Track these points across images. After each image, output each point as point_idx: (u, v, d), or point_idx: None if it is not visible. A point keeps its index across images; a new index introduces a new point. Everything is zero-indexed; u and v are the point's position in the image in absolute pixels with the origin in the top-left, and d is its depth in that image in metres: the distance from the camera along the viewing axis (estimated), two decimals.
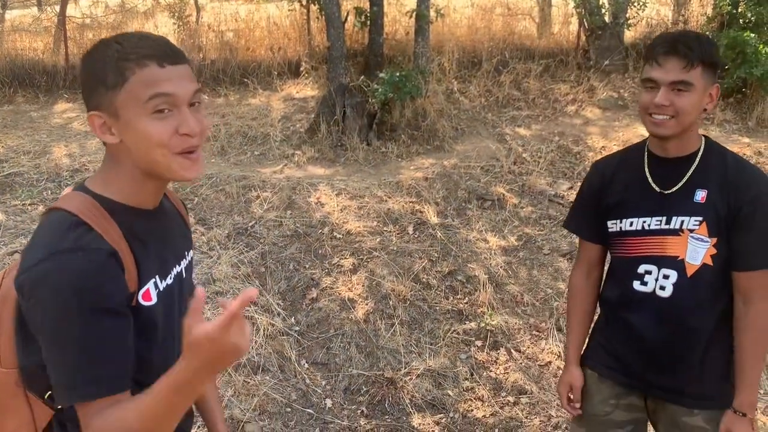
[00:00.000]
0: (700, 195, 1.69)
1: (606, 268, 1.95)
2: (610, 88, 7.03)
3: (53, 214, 1.08)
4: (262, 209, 4.69)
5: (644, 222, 1.75)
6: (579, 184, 5.45)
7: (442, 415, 3.37)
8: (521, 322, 4.00)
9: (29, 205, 4.73)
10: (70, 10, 10.81)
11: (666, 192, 1.73)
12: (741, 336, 1.68)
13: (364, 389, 3.49)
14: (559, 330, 3.93)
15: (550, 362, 3.73)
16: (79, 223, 1.04)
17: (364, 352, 3.69)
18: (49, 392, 1.10)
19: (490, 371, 3.67)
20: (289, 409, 3.30)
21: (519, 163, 5.64)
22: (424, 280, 4.20)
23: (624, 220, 1.79)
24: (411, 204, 4.87)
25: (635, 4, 7.36)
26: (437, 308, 4.04)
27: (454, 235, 4.64)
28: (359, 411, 3.36)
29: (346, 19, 6.62)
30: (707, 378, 1.76)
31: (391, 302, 3.98)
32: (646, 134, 1.82)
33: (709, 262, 1.68)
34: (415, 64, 6.33)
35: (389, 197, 4.90)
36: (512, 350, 3.82)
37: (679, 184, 1.71)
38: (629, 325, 1.83)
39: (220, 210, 4.68)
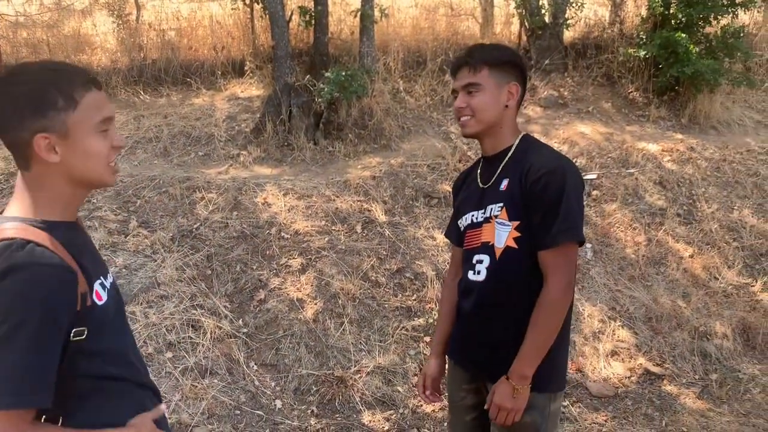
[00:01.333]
0: (504, 183, 1.83)
1: None
2: (550, 87, 7.20)
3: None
4: (207, 211, 4.61)
5: (473, 216, 1.92)
6: None
7: (392, 411, 3.40)
8: None
9: None
10: (2, 7, 10.36)
11: (484, 186, 1.90)
12: (534, 310, 1.75)
13: (314, 389, 3.49)
14: None
15: None
16: (23, 243, 1.11)
17: (314, 352, 3.68)
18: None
19: None
20: (238, 412, 3.27)
21: (464, 161, 5.71)
22: (372, 278, 4.22)
23: (463, 218, 1.97)
24: (359, 203, 4.88)
25: (573, 5, 7.56)
26: (386, 306, 4.06)
27: (402, 233, 4.68)
28: (309, 411, 3.36)
29: (290, 18, 6.57)
30: (512, 356, 1.80)
31: (340, 301, 3.98)
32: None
33: (513, 244, 1.79)
34: (360, 64, 6.34)
35: (337, 196, 4.90)
36: None
37: (493, 178, 1.87)
38: (460, 313, 2.00)
39: (164, 212, 4.58)
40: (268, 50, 7.02)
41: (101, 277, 1.27)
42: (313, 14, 6.63)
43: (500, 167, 1.85)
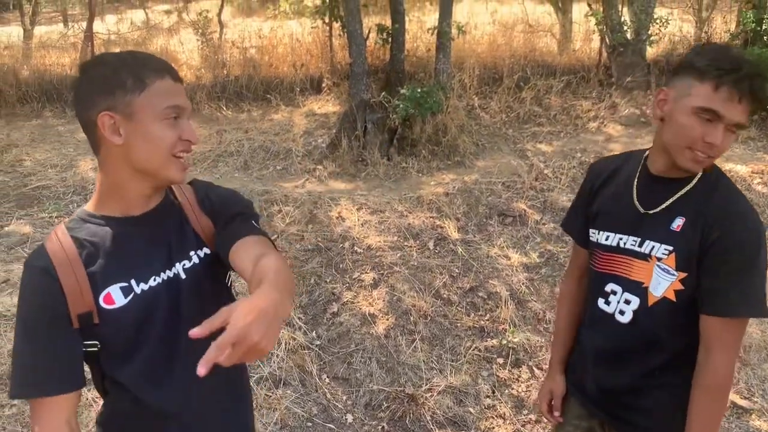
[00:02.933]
0: (677, 223, 1.52)
1: None
2: (632, 105, 6.99)
3: None
4: (284, 223, 4.72)
5: (621, 239, 1.63)
6: None
7: None
8: (543, 340, 3.96)
9: (56, 217, 4.81)
10: (97, 26, 11.04)
11: (644, 212, 1.59)
12: (696, 390, 1.51)
13: (385, 405, 3.48)
14: None
15: None
16: (42, 246, 1.24)
17: (385, 368, 3.68)
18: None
19: (512, 389, 3.63)
20: (310, 424, 3.29)
21: (540, 179, 5.62)
22: (445, 296, 4.18)
23: (602, 233, 1.69)
24: (431, 219, 4.87)
25: (657, 21, 7.34)
26: (458, 325, 4.02)
27: (475, 251, 4.63)
28: (380, 427, 3.35)
29: (368, 36, 6.68)
30: (656, 417, 1.64)
31: (411, 318, 3.97)
32: None
33: (672, 297, 1.52)
34: (436, 80, 6.36)
35: (410, 212, 4.91)
36: (534, 368, 3.78)
37: (661, 207, 1.56)
38: (584, 345, 1.79)
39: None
40: (345, 67, 7.16)
41: (131, 281, 1.24)
42: (390, 32, 6.72)
43: (675, 197, 1.54)
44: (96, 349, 1.24)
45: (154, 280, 1.27)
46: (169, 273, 1.29)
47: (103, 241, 1.23)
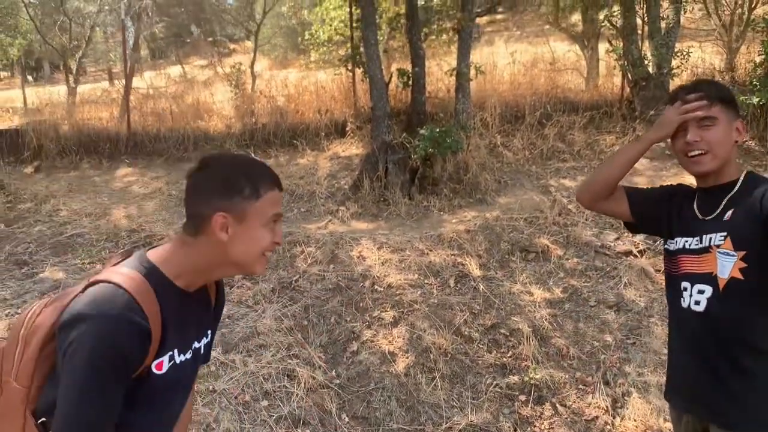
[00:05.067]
0: (727, 215, 1.75)
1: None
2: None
3: (103, 285, 1.24)
4: (306, 264, 4.79)
5: (686, 241, 1.84)
6: (626, 234, 5.29)
7: None
8: (567, 376, 3.88)
9: (88, 263, 4.98)
10: (136, 81, 11.57)
11: (705, 218, 1.81)
12: None
13: None
14: (606, 384, 3.80)
15: (596, 417, 3.60)
16: (126, 295, 1.22)
17: (405, 406, 3.65)
18: (43, 419, 1.26)
19: (535, 426, 3.56)
20: None
21: (564, 214, 5.58)
22: (465, 333, 4.16)
23: (670, 241, 1.90)
24: (453, 257, 4.88)
25: (679, 54, 7.34)
26: (479, 362, 3.98)
27: (497, 287, 4.61)
28: None
29: (389, 80, 6.85)
30: (751, 399, 1.71)
31: (432, 356, 3.95)
32: (694, 183, 1.92)
33: (738, 275, 1.69)
34: (455, 120, 6.45)
35: (431, 250, 4.92)
36: (557, 405, 3.70)
37: (717, 211, 1.78)
38: (673, 342, 1.93)
39: (267, 266, 4.80)
40: (368, 111, 7.33)
41: (175, 350, 1.33)
42: (410, 75, 6.87)
43: (726, 199, 1.77)
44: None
45: (190, 353, 1.39)
46: (196, 345, 1.43)
47: (171, 310, 1.29)
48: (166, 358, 1.30)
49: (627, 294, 4.55)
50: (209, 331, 1.49)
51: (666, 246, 1.92)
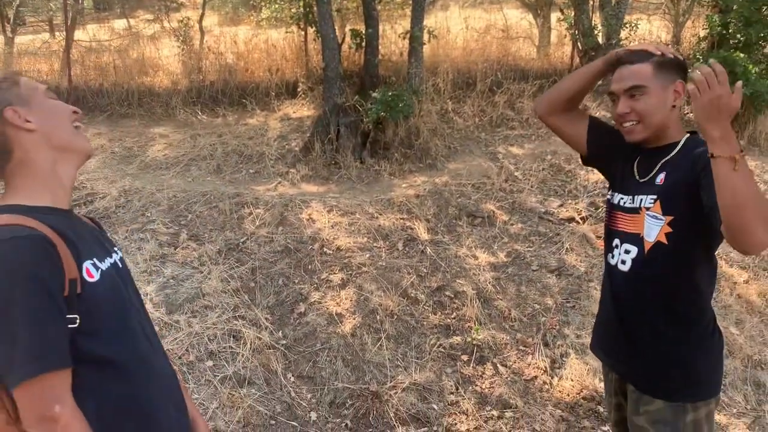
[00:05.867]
0: (660, 177, 1.76)
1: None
2: (603, 108, 7.10)
3: None
4: (254, 226, 4.74)
5: (621, 199, 1.88)
6: (569, 201, 5.41)
7: (426, 428, 3.38)
8: (508, 337, 4.01)
9: None
10: (79, 34, 11.01)
11: (641, 180, 1.83)
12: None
13: (349, 403, 3.51)
14: (546, 345, 3.95)
15: (536, 377, 3.74)
16: (4, 226, 1.16)
17: (350, 366, 3.71)
18: None
19: (476, 385, 3.68)
20: (273, 422, 3.32)
21: (510, 180, 5.69)
22: (412, 295, 4.23)
23: (612, 194, 1.94)
24: (402, 221, 4.92)
25: (627, 26, 7.46)
26: (424, 323, 4.06)
27: (444, 251, 4.68)
28: (344, 424, 3.37)
29: (342, 40, 6.74)
30: (664, 366, 1.78)
31: (378, 317, 4.01)
32: None
33: (664, 240, 1.71)
34: (408, 84, 6.43)
35: (380, 214, 4.95)
36: (498, 365, 3.83)
37: (651, 173, 1.79)
38: (602, 294, 1.99)
39: (213, 226, 4.74)
40: (320, 72, 7.22)
41: (94, 258, 1.27)
42: (364, 36, 6.78)
43: (661, 162, 1.77)
44: (75, 325, 1.18)
45: (107, 262, 1.33)
46: (110, 260, 1.36)
47: (58, 224, 1.23)
48: (89, 265, 1.24)
49: (568, 259, 4.70)
50: (116, 248, 1.44)
51: (608, 197, 1.96)
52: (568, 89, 1.99)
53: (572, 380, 3.72)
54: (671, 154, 1.76)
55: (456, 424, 3.42)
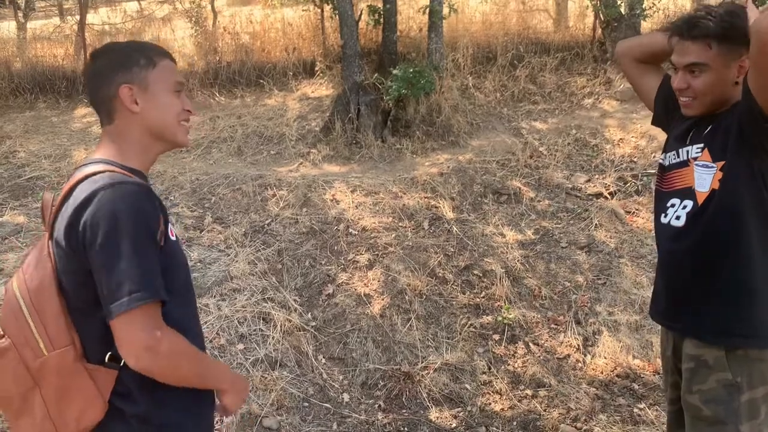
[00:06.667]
0: (708, 129, 1.73)
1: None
2: (627, 80, 6.95)
3: (87, 179, 1.25)
4: (278, 207, 4.71)
5: (669, 156, 1.85)
6: (597, 176, 5.32)
7: (459, 408, 3.36)
8: (539, 316, 3.97)
9: None
10: (90, 17, 10.97)
11: (689, 141, 1.80)
12: None
13: (381, 384, 3.49)
14: (578, 323, 3.90)
15: (568, 355, 3.70)
16: (111, 172, 1.27)
17: (381, 347, 3.69)
18: (109, 353, 1.25)
19: (508, 365, 3.64)
20: (306, 404, 3.31)
21: (535, 156, 5.59)
22: (440, 274, 4.18)
23: (664, 156, 1.88)
24: (426, 199, 4.86)
25: None
26: (453, 303, 4.02)
27: (470, 229, 4.62)
28: (376, 405, 3.36)
29: (359, 17, 6.62)
30: (720, 310, 1.74)
31: (407, 297, 3.97)
32: None
33: (717, 186, 1.67)
34: (428, 61, 6.32)
35: (404, 193, 4.89)
36: (530, 344, 3.79)
37: (702, 132, 1.76)
38: (658, 263, 1.93)
39: (237, 209, 4.72)
40: (337, 50, 7.11)
41: (170, 223, 1.37)
42: (381, 13, 6.66)
43: (707, 130, 1.74)
44: None
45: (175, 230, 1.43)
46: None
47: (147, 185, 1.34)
48: (171, 226, 1.35)
49: (597, 235, 4.63)
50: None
51: (660, 161, 1.91)
52: (650, 44, 1.94)
53: (605, 358, 3.67)
54: (715, 122, 1.73)
55: (490, 403, 3.40)
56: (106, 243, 1.18)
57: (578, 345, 3.73)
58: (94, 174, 1.25)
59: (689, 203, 1.73)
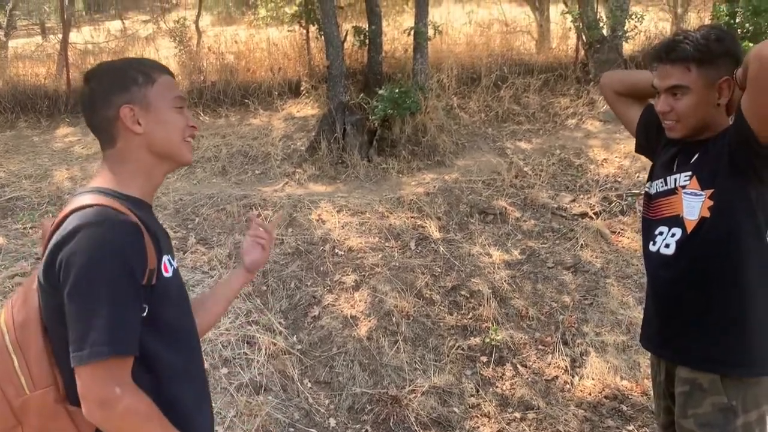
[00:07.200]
0: (696, 156, 1.74)
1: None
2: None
3: (77, 212, 1.19)
4: None
5: (656, 184, 1.84)
6: (582, 196, 5.33)
7: None
8: (527, 337, 3.94)
9: (30, 228, 4.72)
10: (73, 36, 10.90)
11: (676, 168, 1.81)
12: None
13: (369, 408, 3.43)
14: (565, 344, 3.88)
15: (556, 376, 3.67)
16: (99, 206, 1.20)
17: (368, 370, 3.63)
18: None
19: (497, 387, 3.61)
20: (292, 429, 3.24)
21: (520, 176, 5.61)
22: (427, 295, 4.15)
23: (649, 184, 1.89)
24: (412, 219, 4.84)
25: (633, 17, 7.37)
26: (441, 324, 3.99)
27: (457, 249, 4.61)
28: (363, 430, 3.31)
29: (345, 38, 6.64)
30: (710, 336, 1.74)
31: (394, 319, 3.93)
32: None
33: (707, 214, 1.67)
34: (414, 81, 6.34)
35: (390, 213, 4.87)
36: (518, 365, 3.76)
37: (692, 161, 1.76)
38: (647, 291, 1.93)
39: (221, 229, 4.66)
40: (323, 70, 7.12)
41: (170, 255, 1.32)
42: (367, 34, 6.69)
43: (696, 155, 1.74)
44: (143, 314, 1.19)
45: (176, 261, 1.37)
46: (175, 259, 1.39)
47: (144, 216, 1.27)
48: (167, 260, 1.28)
49: (584, 255, 4.63)
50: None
51: (646, 189, 1.91)
52: (633, 83, 1.97)
53: (594, 379, 3.65)
54: (709, 141, 1.73)
55: (478, 427, 3.35)
56: (79, 286, 1.12)
57: (566, 366, 3.71)
58: (84, 207, 1.19)
59: (678, 231, 1.73)
